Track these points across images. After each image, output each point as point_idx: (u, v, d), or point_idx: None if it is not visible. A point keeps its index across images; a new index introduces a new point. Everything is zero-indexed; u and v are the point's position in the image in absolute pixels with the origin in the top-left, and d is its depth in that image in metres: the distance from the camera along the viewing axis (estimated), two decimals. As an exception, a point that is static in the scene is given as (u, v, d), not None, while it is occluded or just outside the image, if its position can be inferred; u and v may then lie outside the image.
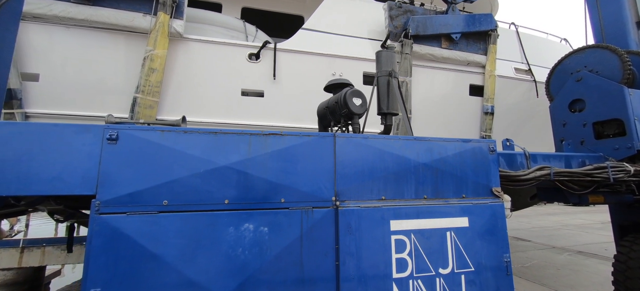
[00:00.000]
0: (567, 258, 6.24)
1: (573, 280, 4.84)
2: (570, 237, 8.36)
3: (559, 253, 6.71)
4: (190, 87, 4.01)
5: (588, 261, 5.98)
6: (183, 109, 3.93)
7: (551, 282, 4.74)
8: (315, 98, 4.47)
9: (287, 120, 4.30)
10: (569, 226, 10.56)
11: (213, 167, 1.90)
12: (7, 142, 1.66)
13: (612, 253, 3.61)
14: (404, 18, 4.79)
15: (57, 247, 5.68)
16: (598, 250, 6.83)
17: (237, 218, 1.89)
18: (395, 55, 2.96)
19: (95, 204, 1.71)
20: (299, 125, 4.31)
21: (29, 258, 4.68)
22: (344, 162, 2.15)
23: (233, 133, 1.99)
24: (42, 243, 5.57)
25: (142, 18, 3.75)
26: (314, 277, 1.95)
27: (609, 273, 3.53)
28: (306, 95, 4.42)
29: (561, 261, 6.01)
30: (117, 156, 1.78)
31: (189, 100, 3.99)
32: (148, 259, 1.72)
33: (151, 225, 1.76)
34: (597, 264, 5.76)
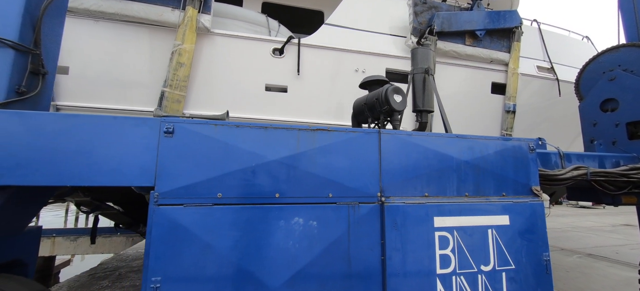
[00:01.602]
0: (577, 261, 6.18)
1: (582, 283, 4.79)
2: (580, 239, 8.28)
3: (568, 255, 6.65)
4: (216, 82, 4.03)
5: (598, 264, 5.91)
6: (208, 103, 3.95)
7: (560, 284, 4.70)
8: (339, 94, 4.48)
9: (310, 115, 4.31)
10: (578, 229, 10.47)
11: (263, 161, 1.93)
12: (70, 134, 1.70)
13: (623, 257, 3.58)
14: (429, 14, 4.75)
15: (66, 238, 5.78)
16: (608, 253, 6.75)
17: (287, 212, 1.91)
18: (431, 52, 2.95)
19: (154, 196, 1.74)
20: (323, 120, 4.31)
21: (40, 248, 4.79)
22: (388, 158, 2.16)
23: (282, 128, 2.00)
24: (52, 234, 5.67)
25: (171, 12, 3.77)
26: (361, 272, 1.97)
27: (620, 277, 3.50)
28: (329, 90, 4.42)
29: (570, 264, 5.96)
30: (173, 149, 1.81)
31: (214, 95, 4.01)
32: (204, 250, 1.75)
33: (206, 217, 1.79)
34: (607, 267, 5.70)
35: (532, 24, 6.16)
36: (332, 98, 4.41)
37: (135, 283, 4.82)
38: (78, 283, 4.80)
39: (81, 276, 5.22)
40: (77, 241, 5.72)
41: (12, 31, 2.01)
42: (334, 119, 4.37)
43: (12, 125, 1.65)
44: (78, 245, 5.77)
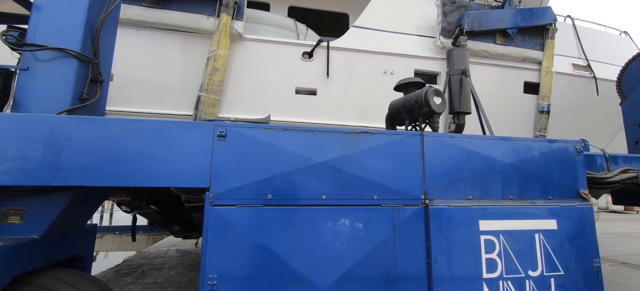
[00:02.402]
0: (609, 269, 5.78)
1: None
2: (612, 246, 7.78)
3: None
4: (248, 85, 4.14)
5: (634, 273, 5.50)
6: (241, 107, 4.07)
7: (593, 295, 4.40)
8: (367, 95, 4.48)
9: (339, 117, 4.34)
10: (609, 235, 9.85)
11: (310, 164, 1.97)
12: (133, 137, 1.81)
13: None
14: (458, 14, 4.67)
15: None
16: (644, 262, 6.29)
17: (334, 214, 1.95)
18: (467, 53, 2.91)
19: (210, 196, 1.83)
20: (352, 123, 4.33)
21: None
22: (431, 161, 2.16)
23: (327, 131, 2.04)
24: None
25: (206, 20, 3.92)
26: (406, 275, 1.97)
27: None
28: (358, 93, 4.43)
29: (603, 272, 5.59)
30: (226, 152, 1.89)
31: (246, 98, 4.12)
32: (256, 249, 1.82)
33: (258, 217, 1.85)
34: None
35: (565, 20, 5.91)
36: (362, 100, 4.42)
37: (157, 280, 4.99)
38: (105, 279, 5.01)
39: (107, 273, 5.44)
40: (103, 238, 5.91)
41: (75, 42, 2.17)
42: (363, 121, 4.38)
43: (83, 129, 1.79)
44: (103, 242, 6.00)
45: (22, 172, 1.70)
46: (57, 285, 1.95)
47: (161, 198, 4.20)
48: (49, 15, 2.17)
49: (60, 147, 1.75)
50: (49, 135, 1.75)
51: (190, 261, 5.97)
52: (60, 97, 2.08)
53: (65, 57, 2.13)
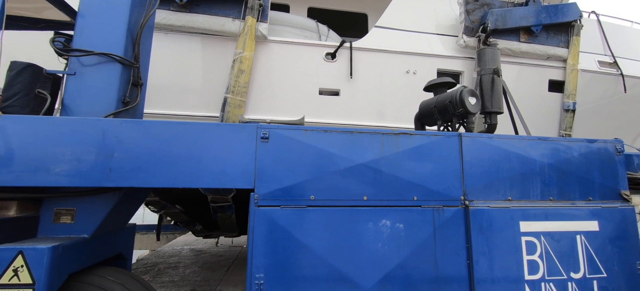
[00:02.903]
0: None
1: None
2: None
3: None
4: (272, 87, 4.18)
5: None
6: (266, 108, 4.11)
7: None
8: (391, 95, 4.46)
9: (363, 118, 4.34)
10: None
11: (351, 165, 1.99)
12: (180, 140, 1.86)
13: None
14: (481, 12, 4.60)
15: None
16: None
17: (375, 214, 1.96)
18: (498, 52, 2.87)
19: (255, 197, 1.86)
20: (375, 123, 4.32)
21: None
22: (470, 162, 2.14)
23: (366, 133, 2.06)
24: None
25: (232, 22, 3.97)
26: (448, 276, 1.97)
27: None
28: (382, 92, 4.42)
29: None
30: (270, 153, 1.92)
31: (271, 99, 4.17)
32: (301, 249, 1.85)
33: (301, 217, 1.88)
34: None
35: (589, 15, 5.76)
36: (385, 100, 4.41)
37: (173, 279, 5.08)
38: None
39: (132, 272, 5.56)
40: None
41: (118, 48, 2.24)
42: (388, 121, 4.36)
43: (133, 132, 1.84)
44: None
45: (78, 173, 1.77)
46: (106, 283, 2.01)
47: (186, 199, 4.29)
48: (93, 21, 2.24)
49: (112, 149, 1.81)
50: (101, 138, 1.81)
51: (203, 260, 6.06)
52: (106, 101, 2.15)
53: (110, 62, 2.20)
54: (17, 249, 1.64)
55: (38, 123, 1.79)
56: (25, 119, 1.80)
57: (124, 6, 2.29)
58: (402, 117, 4.44)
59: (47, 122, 1.80)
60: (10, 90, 1.97)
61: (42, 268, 1.64)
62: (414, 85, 4.54)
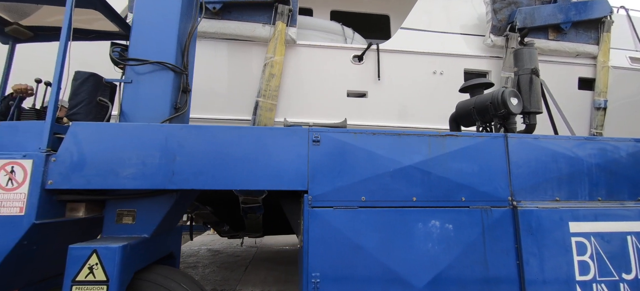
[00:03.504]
0: None
1: None
2: None
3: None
4: (302, 90, 4.25)
5: None
6: (296, 111, 4.18)
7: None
8: (417, 96, 4.47)
9: (390, 119, 4.36)
10: None
11: (400, 166, 2.02)
12: (237, 143, 1.94)
13: None
14: (508, 10, 4.56)
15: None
16: None
17: (424, 215, 1.99)
18: (536, 51, 2.86)
19: (308, 199, 1.92)
20: (402, 124, 4.34)
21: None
22: (517, 162, 2.15)
23: (413, 135, 2.09)
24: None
25: (262, 28, 4.07)
26: (498, 276, 1.98)
27: None
28: (408, 93, 4.44)
29: None
30: (321, 156, 1.98)
31: (300, 102, 4.24)
32: (354, 249, 1.89)
33: (353, 218, 1.93)
34: None
35: (618, 11, 5.61)
36: (413, 101, 4.42)
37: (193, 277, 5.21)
38: None
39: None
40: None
41: (170, 56, 2.35)
42: (412, 122, 4.37)
43: (193, 137, 1.94)
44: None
45: (143, 176, 1.87)
46: (163, 280, 2.11)
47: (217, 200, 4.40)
48: (146, 32, 2.36)
49: (174, 153, 1.91)
50: (164, 143, 1.91)
51: (221, 260, 6.18)
52: (161, 107, 2.26)
53: (163, 70, 2.31)
54: (91, 248, 1.75)
55: (107, 130, 1.91)
56: (95, 126, 1.92)
57: (174, 17, 2.40)
58: (430, 118, 4.44)
59: (115, 128, 1.92)
60: (75, 99, 2.09)
61: (114, 266, 1.75)
62: (442, 85, 4.55)
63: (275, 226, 5.78)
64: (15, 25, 2.60)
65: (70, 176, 1.82)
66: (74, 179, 1.83)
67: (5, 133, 1.85)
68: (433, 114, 4.40)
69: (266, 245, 7.68)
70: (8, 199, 1.73)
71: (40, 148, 1.83)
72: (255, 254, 6.90)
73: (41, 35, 2.77)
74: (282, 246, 7.93)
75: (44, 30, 2.75)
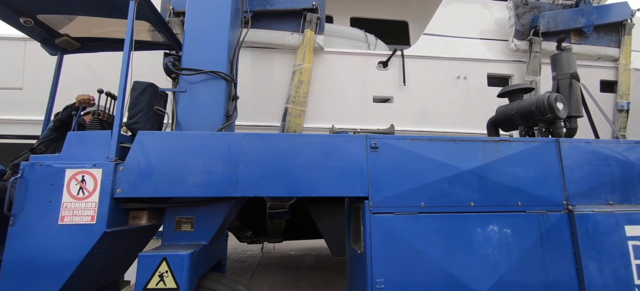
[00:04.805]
0: None
1: None
2: None
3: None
4: (329, 95, 4.29)
5: None
6: (324, 116, 4.22)
7: None
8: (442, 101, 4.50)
9: (415, 124, 4.39)
10: None
11: (456, 172, 2.04)
12: (298, 151, 1.97)
13: None
14: (531, 15, 4.61)
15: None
16: None
17: (482, 220, 2.00)
18: (574, 56, 2.89)
19: (369, 205, 1.94)
20: (426, 128, 4.37)
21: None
22: (570, 166, 2.16)
23: (468, 141, 2.11)
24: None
25: (291, 36, 4.13)
26: (558, 281, 1.98)
27: None
28: (433, 98, 4.48)
29: None
30: (380, 162, 2.01)
31: (328, 108, 4.28)
32: (416, 254, 1.91)
33: (414, 224, 1.95)
34: None
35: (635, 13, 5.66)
36: (438, 106, 4.46)
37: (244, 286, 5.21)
38: None
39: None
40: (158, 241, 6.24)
41: (222, 65, 2.39)
42: (436, 126, 4.41)
43: (255, 144, 1.97)
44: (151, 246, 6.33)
45: (209, 184, 1.90)
46: (218, 287, 2.13)
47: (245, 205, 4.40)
48: (199, 42, 2.41)
49: (237, 160, 1.94)
50: (227, 151, 1.94)
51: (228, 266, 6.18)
52: (215, 115, 2.29)
53: (215, 79, 2.36)
54: (161, 255, 1.77)
55: (172, 138, 1.94)
56: (160, 134, 1.96)
57: (225, 27, 2.45)
58: (454, 122, 4.47)
59: (180, 137, 1.95)
60: (135, 108, 2.13)
61: (183, 273, 1.77)
62: (466, 90, 4.58)
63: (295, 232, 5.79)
64: (65, 37, 2.65)
65: (138, 184, 1.85)
66: (141, 187, 1.85)
67: (74, 144, 1.88)
68: (459, 118, 4.43)
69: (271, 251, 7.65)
70: (80, 208, 1.76)
71: (108, 157, 1.86)
72: (261, 259, 6.89)
73: (88, 46, 2.83)
74: (288, 252, 7.91)
75: (91, 41, 2.80)
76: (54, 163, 1.79)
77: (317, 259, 7.44)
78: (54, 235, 1.71)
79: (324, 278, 5.71)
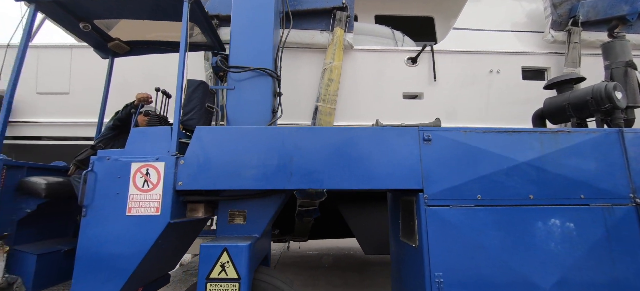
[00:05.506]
0: None
1: None
2: None
3: None
4: (358, 93, 4.28)
5: None
6: (353, 114, 4.21)
7: None
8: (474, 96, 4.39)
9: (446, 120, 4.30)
10: None
11: (513, 164, 1.98)
12: (351, 144, 1.97)
13: None
14: (569, 4, 4.43)
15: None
16: None
17: (543, 214, 1.93)
18: (629, 43, 2.75)
19: (424, 198, 1.92)
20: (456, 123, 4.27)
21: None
22: (636, 158, 2.05)
23: (524, 132, 2.05)
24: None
25: (320, 35, 4.15)
26: (626, 278, 1.88)
27: None
28: (465, 93, 4.37)
29: None
30: (434, 154, 1.98)
31: (357, 105, 4.27)
32: (475, 248, 1.86)
33: (471, 217, 1.90)
34: None
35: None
36: (471, 101, 4.35)
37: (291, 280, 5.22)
38: (176, 279, 5.26)
39: (176, 273, 5.74)
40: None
41: (268, 62, 2.43)
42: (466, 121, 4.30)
43: (308, 138, 1.98)
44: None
45: (265, 177, 1.93)
46: (269, 279, 2.15)
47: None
48: (245, 41, 2.46)
49: (291, 154, 1.96)
50: (281, 144, 1.97)
51: None
52: (262, 111, 2.33)
53: (262, 75, 2.40)
54: (222, 246, 1.82)
55: (228, 133, 1.99)
56: (217, 129, 2.01)
57: (269, 26, 2.49)
58: (487, 117, 4.35)
59: (236, 131, 2.00)
60: (188, 105, 2.20)
61: (243, 264, 1.80)
62: (500, 84, 4.45)
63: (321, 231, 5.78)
64: (116, 41, 2.78)
65: (198, 177, 1.91)
66: (200, 180, 1.91)
67: (137, 139, 1.96)
68: (492, 113, 4.31)
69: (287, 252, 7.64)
70: (145, 200, 1.83)
71: (169, 151, 1.93)
72: (280, 258, 6.88)
73: (136, 49, 2.95)
74: (305, 252, 7.90)
75: (139, 44, 2.93)
76: (120, 157, 1.88)
77: (335, 259, 7.41)
78: (123, 225, 1.78)
79: (343, 278, 5.66)
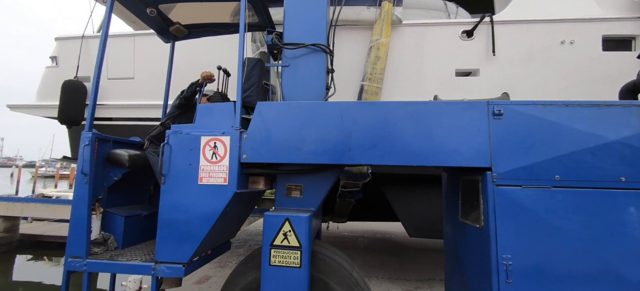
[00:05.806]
0: None
1: None
2: None
3: None
4: (407, 71, 4.10)
5: None
6: (401, 93, 4.06)
7: None
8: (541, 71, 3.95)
9: (509, 98, 3.95)
10: None
11: (602, 142, 1.76)
12: (414, 118, 1.90)
13: None
14: (668, -42, 3.72)
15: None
16: None
17: (637, 198, 1.70)
18: None
19: (492, 176, 1.79)
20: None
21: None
22: None
23: (618, 106, 1.79)
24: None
25: (367, 10, 4.00)
26: None
27: None
28: (529, 68, 3.96)
29: None
30: (505, 130, 1.83)
31: (405, 84, 4.09)
32: (550, 232, 1.72)
33: (547, 199, 1.74)
34: None
35: None
36: (535, 76, 3.94)
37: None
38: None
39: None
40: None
41: (322, 38, 2.40)
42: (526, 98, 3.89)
43: (366, 113, 1.95)
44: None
45: (324, 152, 1.96)
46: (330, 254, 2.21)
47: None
48: (299, 18, 2.44)
49: (350, 129, 1.95)
50: (340, 120, 1.96)
51: None
52: (317, 87, 2.33)
53: (316, 52, 2.38)
54: (284, 216, 1.90)
55: (288, 108, 2.04)
56: (278, 105, 2.07)
57: (322, 3, 2.44)
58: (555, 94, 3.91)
59: (296, 107, 2.03)
60: (247, 83, 2.28)
61: (304, 234, 1.87)
62: (572, 56, 3.94)
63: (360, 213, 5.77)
64: (177, 25, 2.95)
65: (260, 150, 1.99)
66: (263, 153, 1.99)
67: (204, 115, 2.09)
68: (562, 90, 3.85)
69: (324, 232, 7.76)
70: (214, 171, 1.97)
71: (234, 126, 2.03)
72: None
73: (194, 32, 3.11)
74: (340, 233, 7.96)
75: (197, 27, 3.07)
76: (191, 131, 2.02)
77: (370, 241, 7.41)
78: (196, 193, 1.94)
79: (379, 260, 5.64)
